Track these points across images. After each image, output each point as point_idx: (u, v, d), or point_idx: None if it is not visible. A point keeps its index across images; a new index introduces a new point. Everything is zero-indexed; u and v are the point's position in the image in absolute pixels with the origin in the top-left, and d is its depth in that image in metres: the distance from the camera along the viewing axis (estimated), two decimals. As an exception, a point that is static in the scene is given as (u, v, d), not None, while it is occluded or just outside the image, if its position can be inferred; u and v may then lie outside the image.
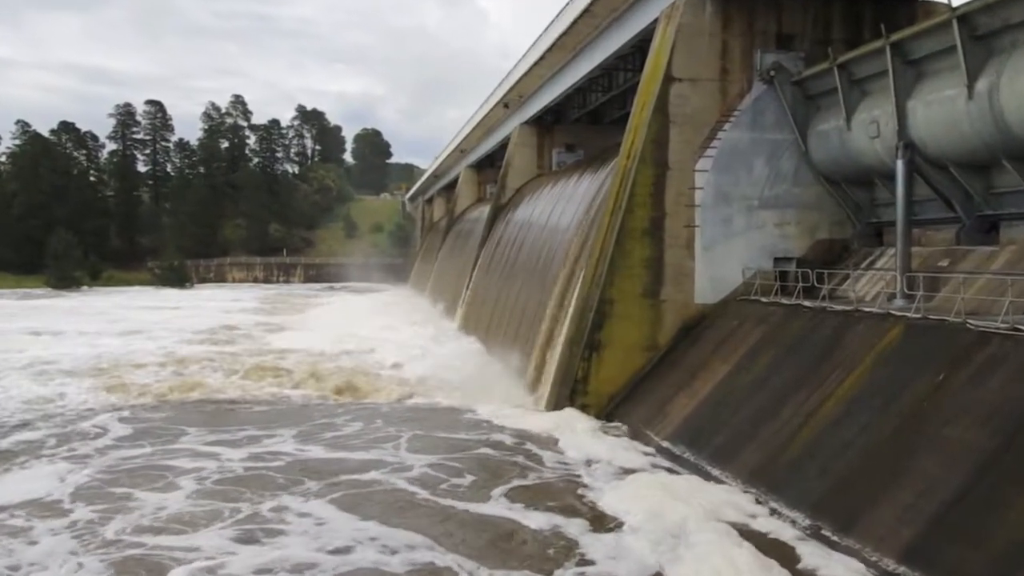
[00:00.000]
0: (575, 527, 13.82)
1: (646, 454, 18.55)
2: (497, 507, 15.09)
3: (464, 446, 19.62)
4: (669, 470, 17.21)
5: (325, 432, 21.25)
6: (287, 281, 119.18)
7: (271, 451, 19.32)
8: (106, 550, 13.06)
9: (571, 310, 24.43)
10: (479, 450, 19.37)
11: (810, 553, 12.33)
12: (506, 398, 25.12)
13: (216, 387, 27.73)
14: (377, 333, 44.07)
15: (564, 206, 34.12)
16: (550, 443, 19.60)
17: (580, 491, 15.91)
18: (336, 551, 12.95)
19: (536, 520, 14.17)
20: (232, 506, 15.04)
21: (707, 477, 16.21)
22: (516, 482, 16.62)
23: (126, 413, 23.56)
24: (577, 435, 20.03)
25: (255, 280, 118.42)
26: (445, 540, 13.30)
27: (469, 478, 16.90)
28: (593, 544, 13.09)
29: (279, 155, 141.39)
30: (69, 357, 35.33)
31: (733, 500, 14.65)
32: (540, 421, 21.63)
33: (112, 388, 27.47)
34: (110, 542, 13.40)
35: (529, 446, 19.57)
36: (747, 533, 13.17)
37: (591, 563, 12.44)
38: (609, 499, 15.13)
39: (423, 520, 14.32)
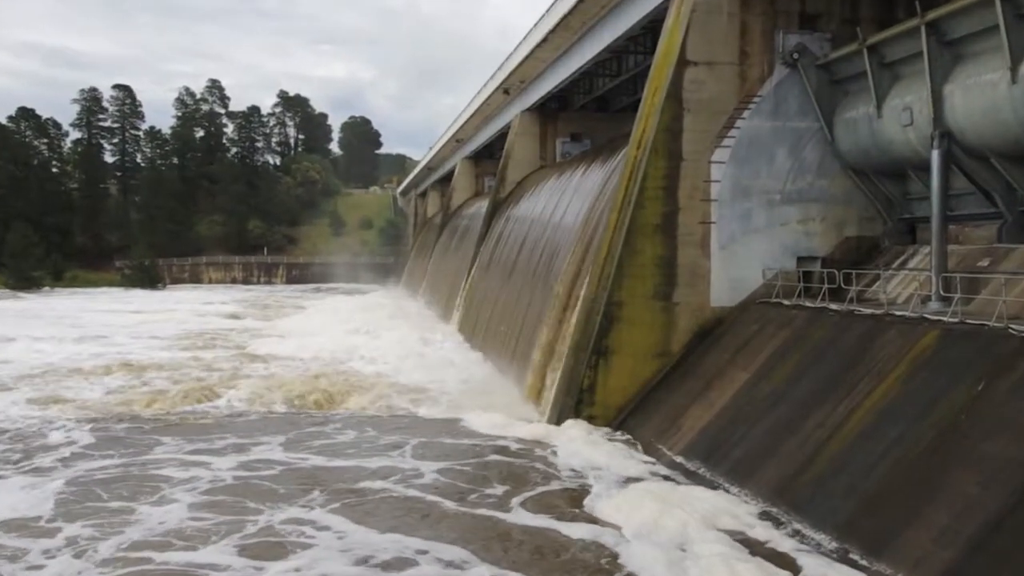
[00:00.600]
0: (610, 537, 14.31)
1: (657, 469, 18.56)
2: (521, 517, 15.53)
3: (468, 456, 19.81)
4: (683, 486, 17.17)
5: (314, 440, 21.51)
6: (268, 282, 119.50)
7: (261, 459, 19.56)
8: (117, 570, 13.09)
9: (576, 314, 24.39)
10: (488, 458, 19.66)
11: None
12: (507, 408, 25.09)
13: (192, 397, 27.56)
14: (368, 339, 44.02)
15: (569, 201, 34.12)
16: (556, 456, 19.66)
17: (594, 503, 16.20)
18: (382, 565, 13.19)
19: (570, 531, 14.70)
20: (241, 519, 15.20)
21: (724, 494, 16.16)
22: (530, 494, 16.90)
23: (86, 427, 23.21)
24: (583, 448, 20.06)
25: (233, 281, 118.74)
26: (485, 553, 13.69)
27: (482, 491, 17.13)
28: (633, 557, 13.52)
29: (259, 145, 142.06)
30: (15, 366, 35.05)
31: (751, 520, 14.68)
32: (543, 433, 21.68)
33: (59, 400, 27.19)
34: (117, 560, 13.41)
35: (539, 453, 19.91)
36: (768, 555, 13.19)
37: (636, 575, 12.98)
38: (625, 513, 15.35)
39: (454, 532, 14.65)
